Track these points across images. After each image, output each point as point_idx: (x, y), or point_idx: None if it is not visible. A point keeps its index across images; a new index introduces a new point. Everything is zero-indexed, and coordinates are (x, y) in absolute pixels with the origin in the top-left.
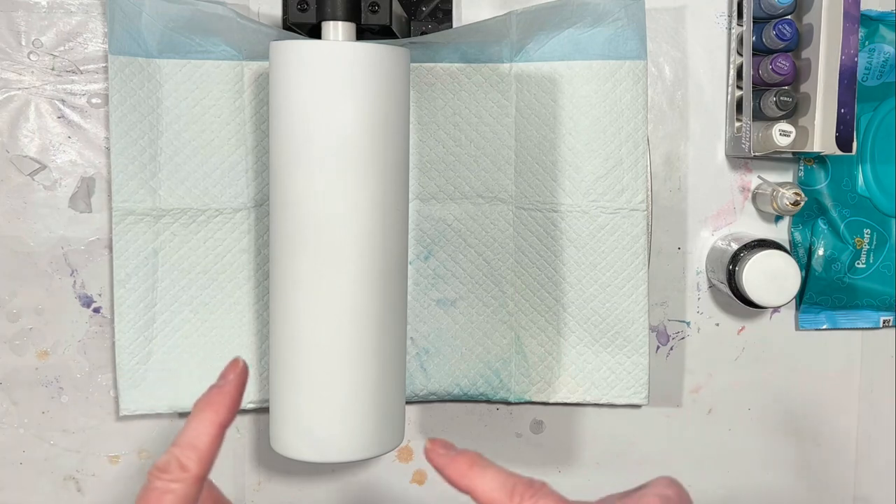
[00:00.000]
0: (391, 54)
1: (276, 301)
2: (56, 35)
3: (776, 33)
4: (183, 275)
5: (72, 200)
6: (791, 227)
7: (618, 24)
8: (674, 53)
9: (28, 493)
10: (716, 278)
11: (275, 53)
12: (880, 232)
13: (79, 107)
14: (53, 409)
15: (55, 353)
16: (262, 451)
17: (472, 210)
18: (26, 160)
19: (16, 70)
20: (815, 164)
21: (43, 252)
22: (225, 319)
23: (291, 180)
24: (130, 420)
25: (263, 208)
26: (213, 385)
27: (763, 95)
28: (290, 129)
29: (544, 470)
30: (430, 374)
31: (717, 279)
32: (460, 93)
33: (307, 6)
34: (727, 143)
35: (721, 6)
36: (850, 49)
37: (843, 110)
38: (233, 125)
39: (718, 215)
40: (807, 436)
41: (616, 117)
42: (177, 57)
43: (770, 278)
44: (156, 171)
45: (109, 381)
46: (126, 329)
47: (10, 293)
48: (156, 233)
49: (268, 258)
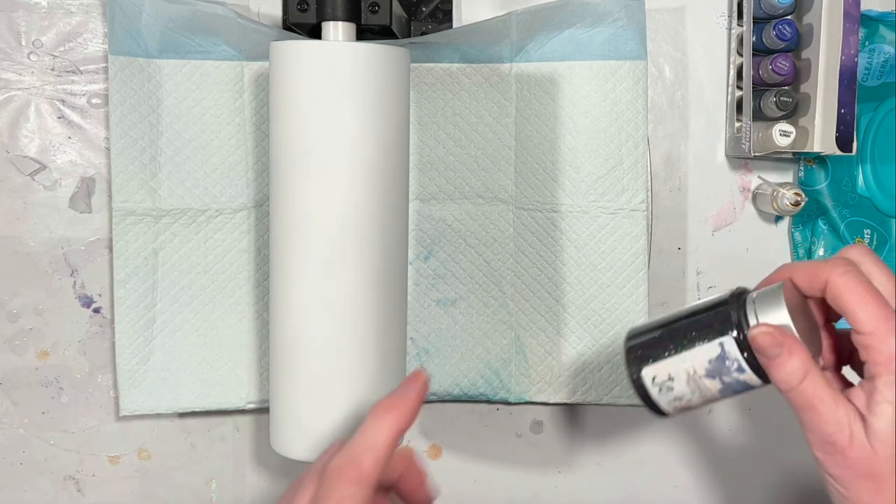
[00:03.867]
0: (391, 54)
1: (277, 301)
2: (56, 35)
3: (776, 33)
4: (183, 275)
5: (72, 200)
6: (791, 228)
7: (618, 24)
8: (674, 54)
9: (28, 493)
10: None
11: (275, 54)
12: (881, 232)
13: (79, 107)
14: (53, 410)
15: (55, 353)
16: (263, 451)
17: (472, 210)
18: (26, 160)
19: (16, 70)
20: (816, 165)
21: (43, 252)
22: (225, 319)
23: (291, 180)
24: (130, 420)
25: (263, 208)
26: (395, 391)
27: (763, 96)
28: (290, 129)
29: (544, 470)
30: (430, 374)
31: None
32: (460, 93)
33: (307, 6)
34: (727, 143)
35: (721, 6)
36: (851, 49)
37: (844, 110)
38: (233, 125)
39: (718, 215)
40: None
41: (616, 117)
42: (177, 57)
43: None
44: (156, 171)
45: (109, 382)
46: (126, 329)
47: (10, 293)
48: (156, 233)
49: (268, 258)
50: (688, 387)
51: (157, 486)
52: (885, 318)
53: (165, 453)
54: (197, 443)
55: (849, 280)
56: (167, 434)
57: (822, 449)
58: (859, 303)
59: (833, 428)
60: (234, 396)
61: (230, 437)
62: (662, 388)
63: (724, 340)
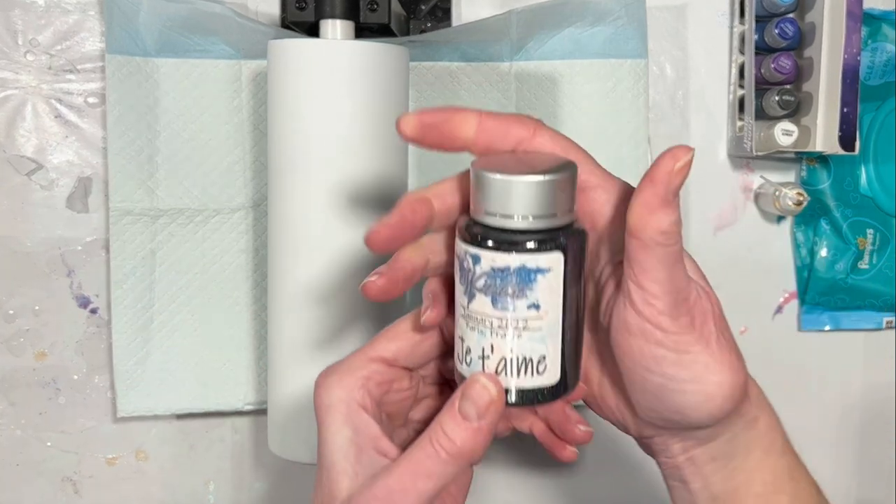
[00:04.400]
0: (390, 53)
1: (275, 301)
2: (53, 34)
3: (778, 32)
4: (181, 275)
5: (69, 200)
6: (793, 228)
7: (618, 22)
8: (675, 52)
9: (25, 494)
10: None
11: (273, 52)
12: (883, 232)
13: (76, 106)
14: (51, 411)
15: (52, 353)
16: (261, 452)
17: None
18: (23, 160)
19: (12, 69)
20: (818, 164)
21: (40, 252)
22: (223, 320)
23: (290, 180)
24: (128, 421)
25: (261, 208)
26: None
27: (765, 95)
28: (288, 128)
29: (544, 470)
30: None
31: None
32: (460, 92)
33: (305, 4)
34: (729, 142)
35: (722, 5)
36: (853, 48)
37: (846, 109)
38: (231, 125)
39: (720, 215)
40: (808, 437)
41: (617, 117)
42: (174, 56)
43: None
44: (153, 170)
45: (107, 383)
46: (124, 330)
47: (7, 294)
48: (153, 233)
49: (266, 258)
50: None
51: (155, 488)
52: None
53: (163, 454)
54: (195, 444)
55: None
56: (165, 435)
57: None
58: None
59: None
60: (232, 398)
61: (228, 439)
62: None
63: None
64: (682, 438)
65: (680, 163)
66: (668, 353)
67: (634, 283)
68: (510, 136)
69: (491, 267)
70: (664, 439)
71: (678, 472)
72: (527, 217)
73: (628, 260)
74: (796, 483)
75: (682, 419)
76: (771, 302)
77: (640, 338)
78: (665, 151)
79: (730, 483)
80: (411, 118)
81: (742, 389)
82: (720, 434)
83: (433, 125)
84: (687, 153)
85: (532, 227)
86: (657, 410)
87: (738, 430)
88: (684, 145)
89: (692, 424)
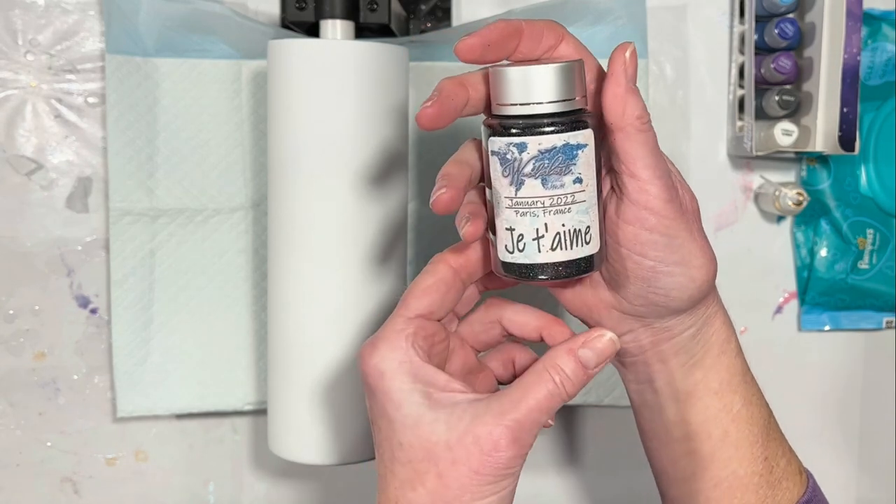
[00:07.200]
0: (390, 53)
1: (274, 302)
2: (53, 34)
3: (778, 32)
4: (180, 275)
5: (69, 200)
6: (793, 228)
7: (618, 22)
8: (675, 52)
9: (25, 495)
10: None
11: (273, 52)
12: (883, 232)
13: (76, 106)
14: (50, 411)
15: (52, 354)
16: (260, 452)
17: None
18: (23, 160)
19: (12, 69)
20: (818, 164)
21: (40, 252)
22: (222, 320)
23: (290, 180)
24: (127, 422)
25: (261, 208)
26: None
27: (765, 94)
28: (288, 128)
29: (544, 470)
30: None
31: None
32: None
33: (305, 4)
34: (729, 142)
35: (723, 5)
36: (853, 48)
37: (846, 109)
38: (230, 124)
39: (720, 215)
40: (809, 437)
41: None
42: (174, 56)
43: None
44: (153, 170)
45: (106, 383)
46: (123, 330)
47: (6, 294)
48: (153, 233)
49: (266, 258)
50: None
51: (155, 488)
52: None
53: (163, 455)
54: (194, 444)
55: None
56: (164, 435)
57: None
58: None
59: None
60: (231, 398)
61: (228, 439)
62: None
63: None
64: (654, 332)
65: (628, 52)
66: (660, 238)
67: (628, 175)
68: (542, 43)
69: (538, 150)
70: (636, 335)
71: (646, 369)
72: (566, 100)
73: (617, 155)
74: (748, 385)
75: (666, 302)
76: (771, 302)
77: (635, 225)
78: (613, 51)
79: (690, 379)
80: (473, 41)
81: (714, 277)
82: (686, 327)
83: (493, 44)
84: (629, 44)
85: (567, 108)
86: (643, 295)
87: (700, 324)
88: (624, 42)
89: (672, 307)
